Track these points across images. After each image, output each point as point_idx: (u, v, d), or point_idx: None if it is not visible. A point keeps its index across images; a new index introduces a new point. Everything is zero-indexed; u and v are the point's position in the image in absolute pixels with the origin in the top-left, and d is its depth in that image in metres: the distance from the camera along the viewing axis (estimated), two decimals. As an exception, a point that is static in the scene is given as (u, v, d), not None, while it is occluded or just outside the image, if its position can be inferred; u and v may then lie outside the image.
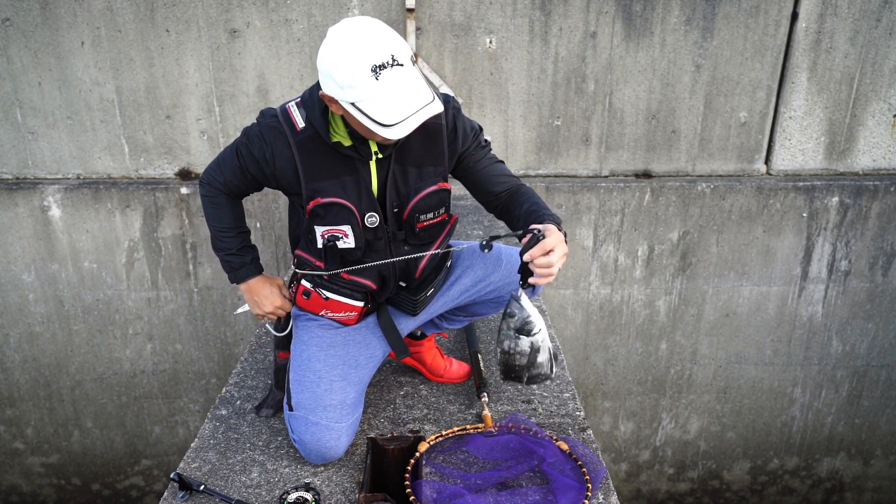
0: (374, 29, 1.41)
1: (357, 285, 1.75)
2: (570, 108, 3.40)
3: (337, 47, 1.41)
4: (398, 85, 1.40)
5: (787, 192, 3.51)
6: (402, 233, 1.71)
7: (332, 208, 1.64)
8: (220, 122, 3.36)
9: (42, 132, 3.35)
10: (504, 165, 1.80)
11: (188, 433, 3.95)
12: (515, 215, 1.70)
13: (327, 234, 1.67)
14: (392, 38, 1.41)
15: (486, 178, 1.75)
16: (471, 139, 1.71)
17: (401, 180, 1.67)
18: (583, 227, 3.55)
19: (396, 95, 1.41)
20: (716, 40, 3.28)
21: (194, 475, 1.69)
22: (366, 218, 1.66)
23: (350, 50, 1.39)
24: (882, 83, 3.39)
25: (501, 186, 1.76)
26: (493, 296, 1.93)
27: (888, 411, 4.03)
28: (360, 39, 1.39)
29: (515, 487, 1.61)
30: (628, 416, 4.02)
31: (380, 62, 1.38)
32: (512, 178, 1.78)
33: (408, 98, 1.42)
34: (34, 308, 3.62)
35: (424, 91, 1.44)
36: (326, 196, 1.63)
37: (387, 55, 1.38)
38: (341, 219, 1.65)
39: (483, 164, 1.75)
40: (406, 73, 1.41)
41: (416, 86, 1.43)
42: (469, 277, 1.90)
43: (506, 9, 3.20)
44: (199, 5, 3.15)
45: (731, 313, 3.76)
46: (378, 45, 1.39)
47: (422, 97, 1.43)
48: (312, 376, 1.72)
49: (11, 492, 4.11)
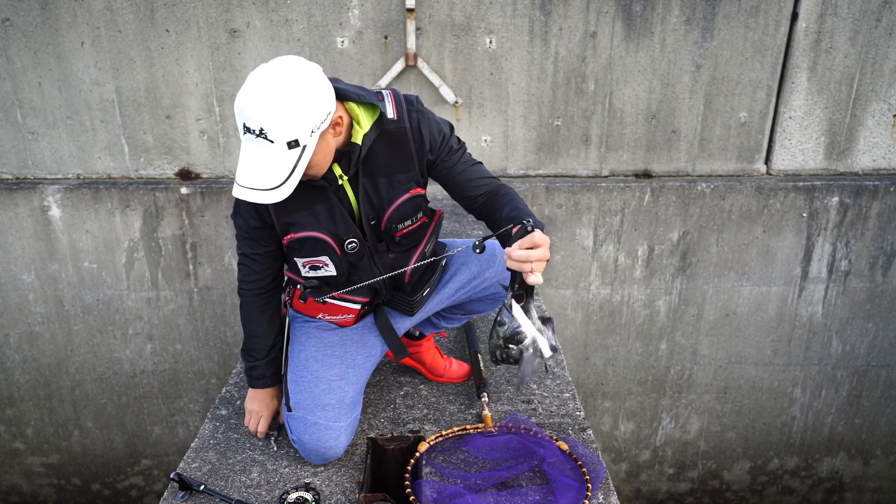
0: (271, 94, 1.36)
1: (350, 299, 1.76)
2: (570, 108, 3.40)
3: (250, 76, 1.40)
4: (254, 154, 1.40)
5: (787, 192, 3.51)
6: (384, 244, 1.70)
7: (307, 242, 1.63)
8: (220, 122, 3.36)
9: (42, 132, 3.35)
10: (481, 167, 1.74)
11: (188, 433, 3.95)
12: (495, 219, 1.64)
13: (308, 264, 1.68)
14: (278, 113, 1.36)
15: (463, 184, 1.70)
16: (439, 145, 1.65)
17: (372, 193, 1.63)
18: (583, 227, 3.55)
19: (246, 158, 1.41)
20: (716, 40, 3.28)
21: (194, 475, 1.69)
22: (345, 245, 1.65)
23: (243, 92, 1.38)
24: (882, 83, 3.39)
25: (479, 190, 1.70)
26: (489, 292, 1.93)
27: (888, 411, 4.03)
28: (251, 93, 1.37)
29: (515, 487, 1.61)
30: (628, 416, 4.02)
31: (248, 126, 1.38)
32: (490, 179, 1.72)
33: (252, 171, 1.40)
34: (34, 308, 3.62)
35: (273, 177, 1.41)
36: (300, 230, 1.62)
37: (257, 126, 1.37)
38: (318, 250, 1.64)
39: (458, 169, 1.69)
40: (270, 150, 1.38)
41: (270, 166, 1.40)
42: (464, 274, 1.90)
43: (506, 9, 3.20)
44: (199, 5, 3.15)
45: (731, 313, 3.76)
46: (255, 113, 1.36)
47: (266, 179, 1.40)
48: (310, 376, 1.72)
49: (11, 492, 4.11)
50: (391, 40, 3.24)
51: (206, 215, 3.46)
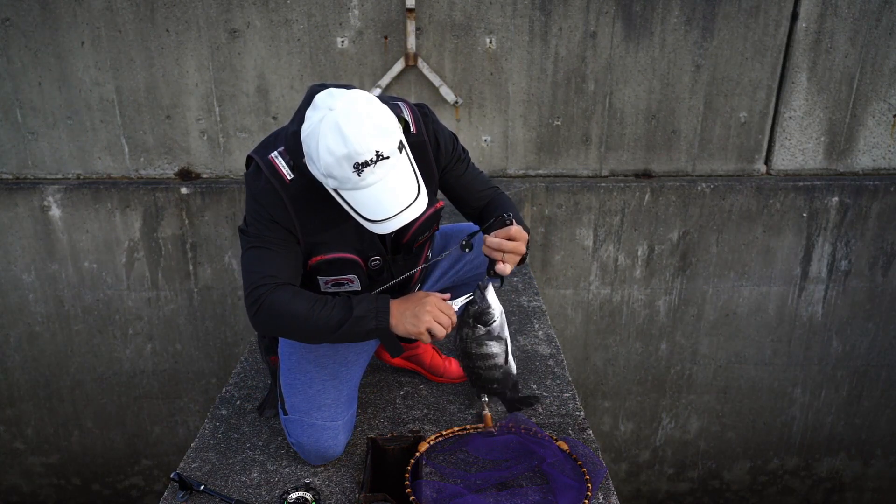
0: (359, 119, 1.28)
1: None
2: (570, 108, 3.40)
3: (319, 135, 1.30)
4: (382, 182, 1.31)
5: (787, 192, 3.51)
6: (401, 255, 1.69)
7: (335, 263, 1.58)
8: (220, 122, 3.36)
9: (42, 132, 3.35)
10: (483, 174, 1.76)
11: (188, 433, 3.95)
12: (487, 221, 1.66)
13: (331, 282, 1.63)
14: (377, 130, 1.29)
15: (468, 193, 1.71)
16: (451, 153, 1.65)
17: None
18: (583, 227, 3.55)
19: (379, 193, 1.32)
20: (716, 40, 3.28)
21: (194, 475, 1.69)
22: (370, 262, 1.62)
23: (332, 144, 1.27)
24: (882, 83, 3.39)
25: (483, 200, 1.73)
26: (473, 274, 1.92)
27: (888, 411, 4.03)
28: (343, 134, 1.27)
29: (515, 487, 1.61)
30: (628, 416, 4.02)
31: (362, 160, 1.28)
32: (492, 188, 1.76)
33: (392, 196, 1.33)
34: (34, 308, 3.62)
35: (410, 185, 1.35)
36: (329, 252, 1.56)
37: (370, 153, 1.28)
38: (346, 270, 1.59)
39: (465, 179, 1.70)
40: (391, 167, 1.31)
41: (401, 180, 1.34)
42: (446, 261, 1.91)
43: (506, 9, 3.20)
44: (199, 5, 3.15)
45: (731, 313, 3.76)
46: (361, 143, 1.27)
47: (407, 194, 1.34)
48: (304, 378, 1.72)
49: (11, 492, 4.11)
50: (391, 40, 3.24)
51: (207, 215, 3.46)
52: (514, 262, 1.54)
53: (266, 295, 1.47)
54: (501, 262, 1.51)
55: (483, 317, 1.54)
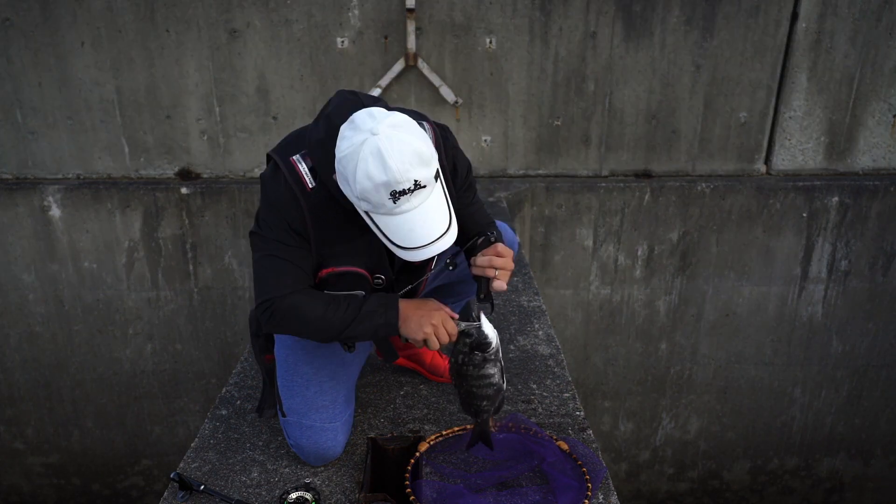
0: (401, 147, 1.26)
1: None
2: (570, 109, 3.40)
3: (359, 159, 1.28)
4: (416, 210, 1.32)
5: (786, 192, 3.51)
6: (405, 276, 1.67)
7: (345, 276, 1.56)
8: (220, 122, 3.36)
9: (42, 132, 3.35)
10: (484, 208, 1.74)
11: (188, 433, 3.95)
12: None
13: None
14: (418, 159, 1.28)
15: (469, 225, 1.65)
16: (464, 179, 1.64)
17: None
18: (583, 227, 3.55)
19: (412, 221, 1.32)
20: (716, 40, 3.28)
21: (194, 475, 1.69)
22: (374, 278, 1.60)
23: (372, 170, 1.26)
24: (882, 83, 3.39)
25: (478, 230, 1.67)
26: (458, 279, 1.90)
27: (888, 411, 4.03)
28: (384, 162, 1.25)
29: (515, 487, 1.61)
30: (628, 416, 4.02)
31: (400, 189, 1.27)
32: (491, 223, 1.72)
33: (423, 225, 1.33)
34: (34, 308, 3.62)
35: (442, 215, 1.35)
36: (340, 265, 1.55)
37: (409, 182, 1.27)
38: (354, 285, 1.58)
39: (471, 210, 1.67)
40: (427, 196, 1.32)
41: (434, 209, 1.34)
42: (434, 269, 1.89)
43: (506, 9, 3.20)
44: (199, 5, 3.15)
45: (731, 313, 3.76)
46: (402, 173, 1.26)
47: (439, 224, 1.34)
48: (301, 380, 1.71)
49: (11, 492, 4.11)
50: (391, 40, 3.24)
51: (207, 215, 3.46)
52: (506, 277, 1.54)
53: (279, 302, 1.50)
54: (496, 280, 1.53)
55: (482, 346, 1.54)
